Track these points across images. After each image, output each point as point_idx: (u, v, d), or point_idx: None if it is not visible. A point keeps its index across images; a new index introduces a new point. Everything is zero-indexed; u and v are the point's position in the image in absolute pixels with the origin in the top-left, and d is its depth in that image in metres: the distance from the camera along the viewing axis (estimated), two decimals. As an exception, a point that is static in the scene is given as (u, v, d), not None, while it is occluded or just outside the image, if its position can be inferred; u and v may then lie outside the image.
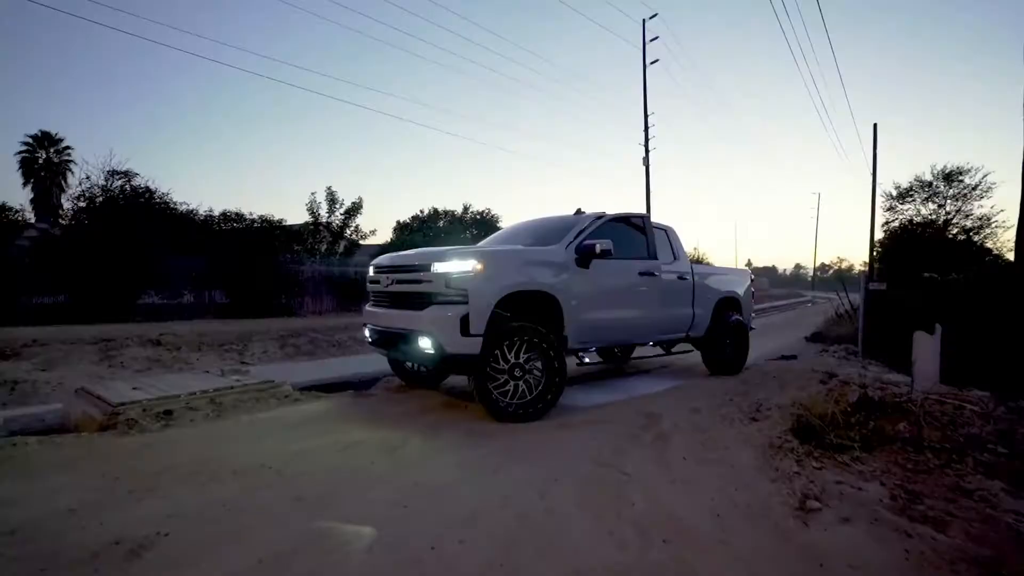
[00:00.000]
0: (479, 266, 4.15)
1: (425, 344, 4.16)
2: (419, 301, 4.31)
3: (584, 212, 5.57)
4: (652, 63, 23.59)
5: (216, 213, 14.59)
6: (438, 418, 4.35)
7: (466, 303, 4.06)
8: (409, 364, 5.45)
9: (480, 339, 4.07)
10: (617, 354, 6.91)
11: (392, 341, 4.54)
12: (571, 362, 5.56)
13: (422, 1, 23.87)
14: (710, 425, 4.10)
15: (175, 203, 13.57)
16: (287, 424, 4.18)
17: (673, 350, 6.40)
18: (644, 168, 23.84)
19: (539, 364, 4.39)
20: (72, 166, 31.19)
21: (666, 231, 6.07)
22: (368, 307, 5.02)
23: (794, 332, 14.84)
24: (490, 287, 4.17)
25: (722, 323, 6.44)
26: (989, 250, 28.34)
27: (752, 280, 7.43)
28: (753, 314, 7.49)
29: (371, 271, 5.00)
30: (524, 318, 4.45)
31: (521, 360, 4.32)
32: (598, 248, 4.65)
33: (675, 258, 6.03)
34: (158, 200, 13.22)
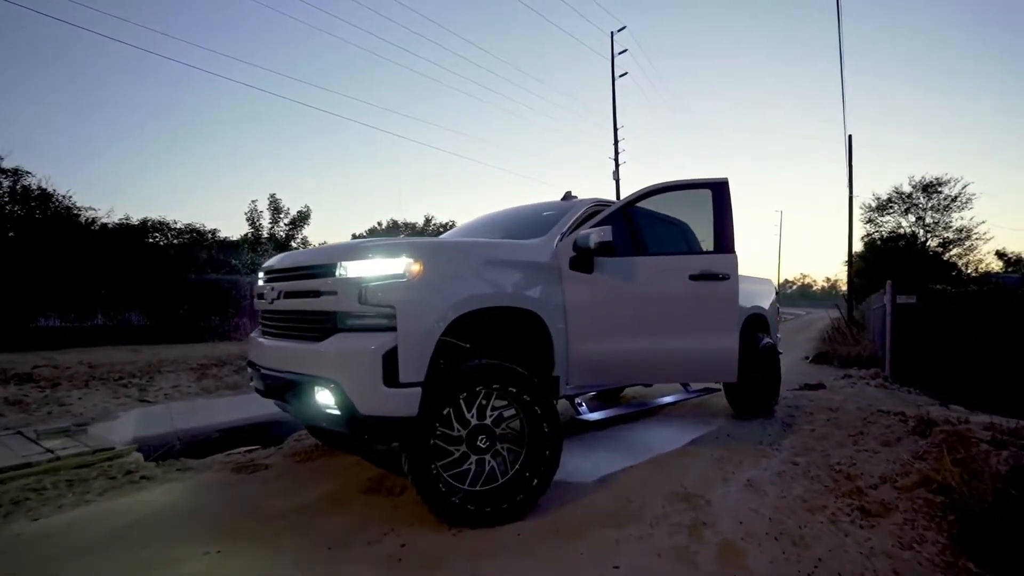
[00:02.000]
0: (416, 267, 2.50)
1: (325, 399, 2.47)
2: (316, 326, 2.62)
3: (576, 197, 4.01)
4: (621, 76, 22.88)
5: (135, 221, 12.54)
6: (350, 523, 2.62)
7: (393, 329, 2.40)
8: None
9: (417, 390, 2.41)
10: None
11: (279, 391, 2.82)
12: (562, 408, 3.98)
13: (394, 6, 22.37)
14: (797, 523, 2.51)
15: (81, 208, 11.49)
16: (80, 543, 2.39)
17: (692, 387, 4.84)
18: (614, 181, 22.81)
19: (517, 426, 2.74)
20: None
21: (682, 228, 4.52)
22: (254, 335, 3.30)
23: (788, 352, 13.54)
24: (436, 302, 2.52)
25: (752, 348, 4.93)
26: (955, 264, 28.36)
27: (777, 293, 5.99)
28: (779, 335, 6.03)
29: (260, 279, 3.27)
30: (491, 350, 2.82)
31: (488, 420, 2.67)
32: (592, 241, 3.04)
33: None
34: (57, 204, 11.12)
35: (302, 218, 15.24)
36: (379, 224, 21.27)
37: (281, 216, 15.11)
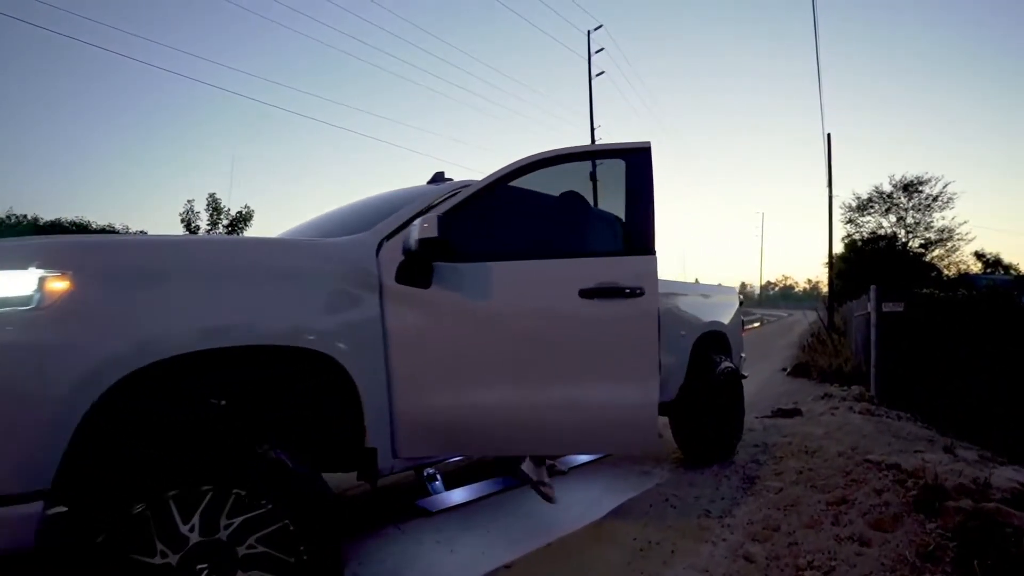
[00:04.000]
0: (60, 283, 1.41)
1: None
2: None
3: (451, 180, 2.94)
4: (598, 75, 22.09)
5: (43, 221, 11.22)
6: None
7: (-12, 396, 1.31)
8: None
9: (34, 507, 1.32)
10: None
11: None
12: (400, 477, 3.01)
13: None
14: None
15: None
16: None
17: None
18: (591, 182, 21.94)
19: (276, 540, 1.66)
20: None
21: (608, 223, 3.46)
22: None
23: (763, 361, 12.62)
24: (82, 346, 1.42)
25: (707, 374, 3.90)
26: (934, 266, 27.86)
27: (741, 303, 4.99)
28: (743, 354, 5.01)
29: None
30: (270, 409, 1.76)
31: (224, 534, 1.58)
32: (412, 239, 1.90)
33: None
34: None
35: (244, 218, 14.01)
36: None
37: (221, 217, 13.86)
